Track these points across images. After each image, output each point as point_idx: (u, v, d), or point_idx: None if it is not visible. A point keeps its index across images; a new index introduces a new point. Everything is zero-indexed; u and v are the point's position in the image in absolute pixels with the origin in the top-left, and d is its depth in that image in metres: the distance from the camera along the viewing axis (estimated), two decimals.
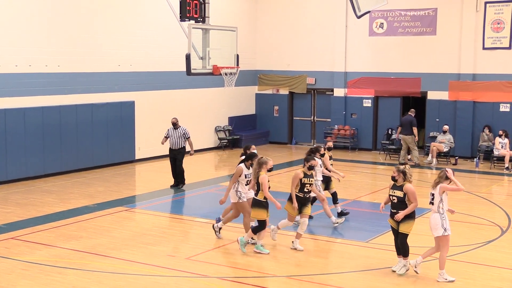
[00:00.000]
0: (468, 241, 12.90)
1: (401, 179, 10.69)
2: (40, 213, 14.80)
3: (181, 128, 17.74)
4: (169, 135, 17.76)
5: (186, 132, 17.77)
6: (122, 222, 14.22)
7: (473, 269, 11.18)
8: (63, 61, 19.38)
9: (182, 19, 15.75)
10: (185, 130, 17.79)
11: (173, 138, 17.68)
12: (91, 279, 10.47)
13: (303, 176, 12.02)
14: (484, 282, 10.53)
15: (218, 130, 25.87)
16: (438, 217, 10.46)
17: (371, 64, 25.40)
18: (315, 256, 11.78)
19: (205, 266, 11.16)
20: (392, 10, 24.37)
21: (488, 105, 23.22)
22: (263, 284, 10.27)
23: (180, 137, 17.69)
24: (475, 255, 12.01)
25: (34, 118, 18.50)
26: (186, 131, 17.77)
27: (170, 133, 17.75)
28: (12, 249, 12.00)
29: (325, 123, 26.73)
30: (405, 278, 10.60)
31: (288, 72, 27.02)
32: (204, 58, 16.07)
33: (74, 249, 12.08)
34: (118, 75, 21.27)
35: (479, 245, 12.63)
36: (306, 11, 26.44)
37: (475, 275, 10.86)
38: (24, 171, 18.34)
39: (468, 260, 11.68)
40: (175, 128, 17.71)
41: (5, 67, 17.84)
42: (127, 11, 21.40)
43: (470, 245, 12.62)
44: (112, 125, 20.88)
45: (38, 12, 18.62)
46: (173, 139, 17.67)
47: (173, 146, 17.72)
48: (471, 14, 23.38)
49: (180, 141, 17.70)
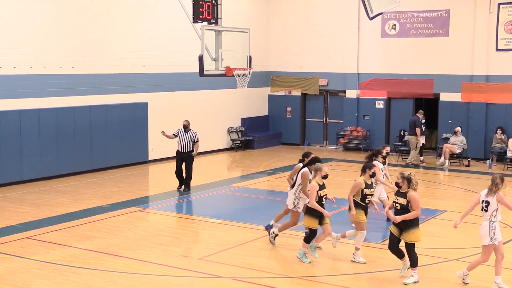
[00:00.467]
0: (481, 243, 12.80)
1: (405, 185, 10.30)
2: (54, 213, 14.88)
3: (191, 132, 17.60)
4: (179, 137, 17.61)
5: (196, 136, 17.63)
6: (136, 222, 14.27)
7: (486, 271, 11.10)
8: (77, 62, 19.48)
9: (195, 21, 15.78)
10: (195, 133, 17.66)
11: (183, 141, 17.51)
12: (105, 278, 10.52)
13: (364, 187, 11.29)
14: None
15: (230, 131, 25.90)
16: (487, 226, 10.15)
17: (383, 65, 25.34)
18: (327, 257, 11.76)
19: (218, 267, 11.17)
20: (404, 11, 24.31)
21: (502, 106, 23.10)
22: (275, 284, 10.27)
23: (189, 140, 17.54)
24: None
25: (49, 119, 18.60)
26: (195, 135, 17.63)
27: (180, 135, 17.60)
28: (27, 248, 12.07)
29: (337, 124, 26.69)
30: (434, 278, 10.55)
31: (301, 73, 27.01)
32: (217, 60, 16.09)
33: (88, 249, 12.14)
34: (132, 77, 21.34)
35: None
36: (319, 12, 26.42)
37: (489, 277, 10.79)
38: (38, 172, 18.44)
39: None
40: (186, 131, 17.57)
41: (20, 69, 17.95)
42: (141, 13, 21.48)
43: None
44: (125, 126, 20.96)
45: (52, 14, 18.72)
46: (182, 142, 17.52)
47: (182, 149, 17.54)
48: (484, 15, 23.25)
49: (189, 144, 17.55)
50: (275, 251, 12.17)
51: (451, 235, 13.58)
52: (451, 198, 17.66)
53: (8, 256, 11.56)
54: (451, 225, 14.30)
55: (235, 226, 13.96)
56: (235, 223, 14.18)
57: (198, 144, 17.74)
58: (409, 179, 10.26)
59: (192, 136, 17.57)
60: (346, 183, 19.12)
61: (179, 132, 17.63)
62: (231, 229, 13.74)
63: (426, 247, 12.41)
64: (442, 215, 15.26)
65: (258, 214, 15.21)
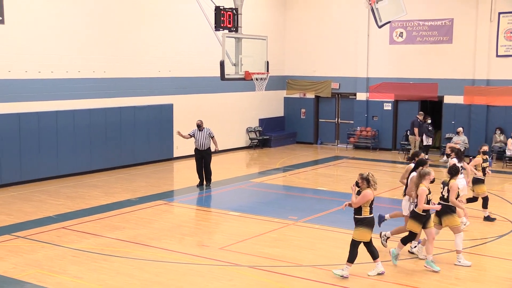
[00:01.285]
0: (482, 235, 12.76)
1: (364, 185, 9.98)
2: (87, 205, 14.99)
3: (206, 129, 17.48)
4: (196, 136, 17.42)
5: (211, 132, 17.53)
6: (162, 214, 14.32)
7: (486, 261, 11.08)
8: (108, 67, 19.60)
9: (216, 29, 15.83)
10: (209, 130, 17.54)
11: (200, 139, 17.38)
12: (133, 266, 10.58)
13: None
14: (497, 273, 10.41)
15: (249, 131, 25.92)
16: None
17: (391, 70, 25.22)
18: (339, 247, 11.74)
19: (237, 256, 11.19)
20: (411, 20, 24.17)
21: (501, 108, 22.92)
22: (291, 273, 10.27)
23: (206, 138, 17.43)
24: (489, 248, 11.89)
25: (82, 119, 18.73)
26: (210, 131, 17.52)
27: (196, 135, 17.43)
28: (63, 237, 12.18)
29: (348, 124, 26.62)
30: (419, 267, 10.51)
31: (314, 77, 26.95)
32: (237, 65, 16.12)
33: (118, 239, 12.22)
34: (158, 80, 21.42)
35: (492, 239, 12.49)
36: (331, 21, 26.36)
37: (489, 267, 10.75)
38: (73, 167, 18.58)
39: (482, 253, 11.57)
40: (200, 130, 17.42)
41: (57, 73, 18.10)
42: (166, 22, 21.55)
43: (483, 239, 12.49)
44: (152, 126, 21.05)
45: (86, 23, 18.85)
46: (200, 140, 17.39)
47: (201, 147, 17.41)
48: (485, 23, 23.09)
49: (206, 141, 17.46)
50: (290, 242, 12.15)
51: None
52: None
53: (46, 244, 11.68)
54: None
55: (253, 219, 13.97)
56: (253, 216, 14.18)
57: (215, 139, 17.66)
58: (368, 179, 9.99)
59: (207, 133, 17.46)
60: (355, 179, 19.07)
61: (195, 132, 17.49)
62: (249, 221, 13.76)
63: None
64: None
65: (274, 207, 15.22)
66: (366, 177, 10.02)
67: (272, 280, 10.03)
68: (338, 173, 20.51)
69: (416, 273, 10.31)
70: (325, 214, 14.29)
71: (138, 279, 9.87)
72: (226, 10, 15.90)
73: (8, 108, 16.94)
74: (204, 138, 17.39)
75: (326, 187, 17.78)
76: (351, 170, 20.88)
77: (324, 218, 13.95)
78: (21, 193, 16.16)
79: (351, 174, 19.86)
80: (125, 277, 9.93)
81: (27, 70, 17.34)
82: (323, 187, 17.86)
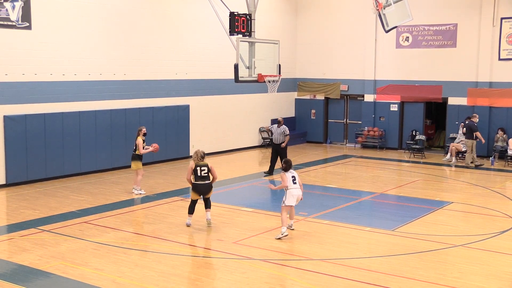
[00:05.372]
0: (484, 231, 12.68)
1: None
2: (108, 201, 15.06)
3: (282, 127, 18.71)
4: (273, 131, 18.84)
5: (286, 130, 18.71)
6: (178, 210, 14.33)
7: (488, 256, 11.00)
8: (128, 70, 19.68)
9: (231, 34, 15.85)
10: (285, 128, 18.76)
11: (275, 134, 18.74)
12: (151, 259, 10.62)
13: None
14: (498, 267, 10.35)
15: (262, 131, 25.91)
16: None
17: (397, 73, 25.12)
18: (347, 242, 11.73)
19: (250, 250, 11.20)
20: (416, 25, 24.07)
21: (503, 109, 22.76)
22: (301, 266, 10.27)
23: (280, 134, 18.63)
24: (490, 243, 11.80)
25: (104, 119, 18.82)
26: (285, 129, 18.74)
27: (274, 130, 18.82)
28: (85, 231, 12.25)
29: (356, 125, 26.55)
30: (423, 261, 10.46)
31: (324, 80, 26.90)
32: (250, 68, 16.14)
33: (137, 233, 12.28)
34: (176, 82, 21.48)
35: (494, 235, 12.40)
36: (340, 26, 26.30)
37: (490, 261, 10.68)
38: (95, 165, 18.68)
39: (484, 248, 11.48)
40: (278, 126, 18.70)
41: (80, 76, 18.20)
42: (183, 27, 21.60)
43: (485, 234, 12.40)
44: (169, 126, 21.10)
45: (108, 29, 18.93)
46: (275, 135, 18.75)
47: (276, 140, 18.77)
48: (488, 28, 22.94)
49: (280, 137, 18.64)
50: (300, 237, 12.14)
51: (456, 224, 13.46)
52: (457, 191, 17.46)
53: (69, 238, 11.75)
54: (457, 215, 14.31)
55: (265, 214, 13.97)
56: (265, 212, 14.19)
57: (288, 137, 18.77)
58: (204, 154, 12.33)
59: (282, 130, 18.67)
60: (363, 177, 19.06)
61: (273, 127, 18.98)
62: (262, 217, 13.76)
63: (433, 234, 12.32)
64: (449, 206, 15.09)
65: None
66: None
67: (283, 273, 10.04)
68: (347, 171, 20.45)
69: (420, 268, 10.26)
70: (334, 210, 14.26)
71: (156, 271, 9.89)
72: (240, 15, 15.92)
73: (34, 109, 17.07)
74: (278, 134, 18.70)
75: (335, 185, 17.74)
76: (359, 168, 20.82)
77: (333, 214, 13.93)
78: (47, 189, 16.27)
79: (359, 172, 19.81)
80: (143, 269, 9.96)
81: (52, 73, 17.45)
82: (332, 184, 17.82)
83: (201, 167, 12.42)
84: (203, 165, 12.44)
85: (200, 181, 12.44)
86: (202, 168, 12.41)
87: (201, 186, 12.44)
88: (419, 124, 24.79)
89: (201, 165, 12.43)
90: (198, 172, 12.39)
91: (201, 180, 12.43)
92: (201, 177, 12.42)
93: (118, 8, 19.25)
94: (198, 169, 12.40)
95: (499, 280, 9.72)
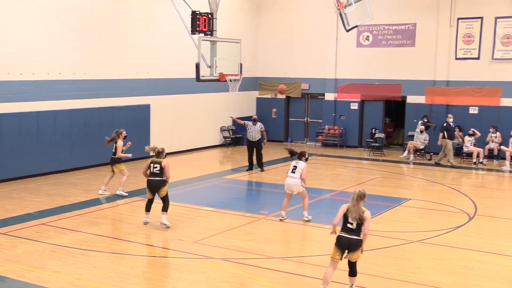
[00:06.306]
0: (440, 226, 12.91)
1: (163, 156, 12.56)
2: (66, 202, 14.81)
3: (259, 124, 19.17)
4: (248, 129, 19.19)
5: (262, 127, 19.28)
6: (138, 210, 14.16)
7: (443, 250, 11.20)
8: (88, 69, 19.40)
9: (192, 32, 15.80)
10: (261, 125, 19.28)
11: (252, 132, 19.14)
12: (111, 260, 10.49)
13: None
14: (453, 262, 10.54)
15: (223, 130, 25.87)
16: None
17: (358, 72, 25.38)
18: (307, 240, 11.80)
19: (210, 249, 11.16)
20: (376, 24, 24.35)
21: (459, 108, 23.22)
22: (262, 265, 10.26)
23: (257, 131, 19.13)
24: (446, 238, 12.02)
25: (63, 119, 18.51)
26: (261, 126, 19.28)
27: (249, 127, 19.17)
28: (42, 233, 12.02)
29: (317, 123, 26.73)
30: (382, 258, 10.58)
31: (285, 78, 26.97)
32: (212, 67, 16.11)
33: (96, 234, 12.09)
34: (136, 82, 21.27)
35: (449, 230, 12.63)
36: (302, 25, 26.43)
37: (445, 256, 10.87)
38: (54, 165, 18.35)
39: (440, 243, 11.69)
40: (254, 124, 19.14)
41: (38, 75, 17.85)
42: (145, 25, 21.40)
43: (441, 230, 12.62)
44: (130, 126, 20.78)
45: (66, 27, 18.60)
46: (252, 133, 19.14)
47: (252, 138, 19.17)
48: (446, 28, 23.38)
49: (257, 135, 19.16)
50: (260, 235, 12.16)
51: (414, 220, 13.66)
52: (415, 188, 17.73)
53: (25, 240, 11.51)
54: (415, 212, 14.52)
55: (225, 213, 13.94)
56: (225, 211, 14.17)
57: (265, 133, 19.48)
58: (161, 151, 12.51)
59: (259, 128, 19.16)
60: (323, 175, 19.19)
61: (249, 125, 19.19)
62: (222, 216, 13.73)
63: (392, 230, 12.49)
64: (407, 202, 15.32)
65: (246, 202, 15.22)
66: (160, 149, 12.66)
67: (244, 271, 10.02)
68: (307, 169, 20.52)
69: (379, 264, 10.38)
70: (294, 209, 14.30)
71: (115, 272, 9.77)
72: (202, 14, 15.86)
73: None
74: (255, 132, 19.15)
75: None
76: (320, 166, 20.95)
77: (293, 212, 13.95)
78: (3, 191, 15.90)
79: (319, 170, 19.93)
80: (102, 271, 9.83)
81: (9, 72, 17.08)
82: None
83: (154, 164, 12.51)
84: (157, 162, 12.50)
85: (151, 177, 12.53)
86: (155, 165, 12.49)
87: (150, 181, 12.55)
88: (378, 123, 25.12)
89: (155, 162, 12.53)
90: (151, 168, 12.50)
91: (153, 176, 12.50)
92: (153, 174, 12.53)
93: (78, 7, 18.94)
94: (152, 165, 12.51)
95: (454, 274, 9.90)
